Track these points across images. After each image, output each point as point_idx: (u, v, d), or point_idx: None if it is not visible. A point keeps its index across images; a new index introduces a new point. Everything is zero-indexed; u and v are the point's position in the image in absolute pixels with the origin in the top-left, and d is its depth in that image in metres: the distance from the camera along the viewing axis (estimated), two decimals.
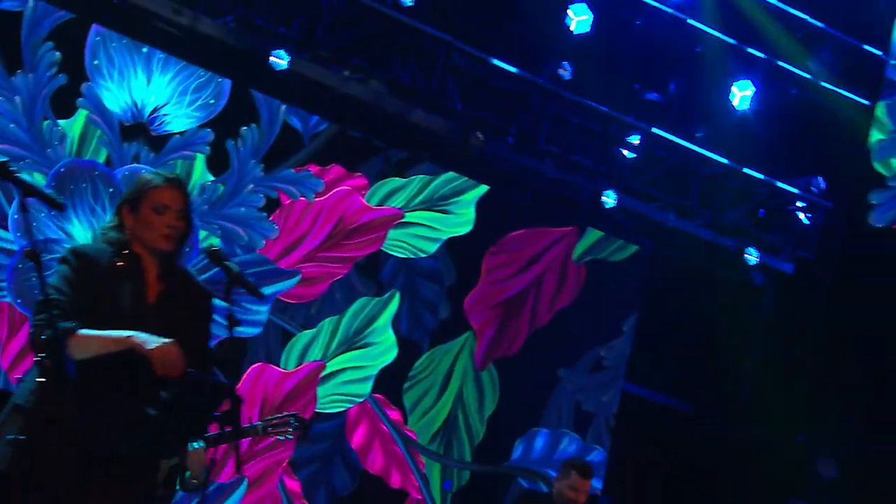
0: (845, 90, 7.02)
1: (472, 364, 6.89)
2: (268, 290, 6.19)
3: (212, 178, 6.14)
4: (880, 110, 6.72)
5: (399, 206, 6.70)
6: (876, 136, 6.82)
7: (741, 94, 6.87)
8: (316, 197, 6.42)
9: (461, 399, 6.85)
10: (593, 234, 7.23)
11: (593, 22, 6.46)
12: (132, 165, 5.94)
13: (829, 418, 6.81)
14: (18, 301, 5.65)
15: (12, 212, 5.63)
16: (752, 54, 6.93)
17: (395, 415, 6.62)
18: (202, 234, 6.04)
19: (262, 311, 6.30)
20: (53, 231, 5.74)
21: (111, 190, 5.85)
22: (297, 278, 6.38)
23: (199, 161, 6.10)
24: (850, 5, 7.08)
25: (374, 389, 6.57)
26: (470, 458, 6.84)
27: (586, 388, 7.20)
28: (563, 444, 7.13)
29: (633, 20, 6.80)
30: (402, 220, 6.70)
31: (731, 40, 6.87)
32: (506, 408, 6.93)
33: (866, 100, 7.03)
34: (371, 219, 6.61)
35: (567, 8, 6.42)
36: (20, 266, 5.60)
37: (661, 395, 7.62)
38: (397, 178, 6.70)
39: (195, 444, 3.48)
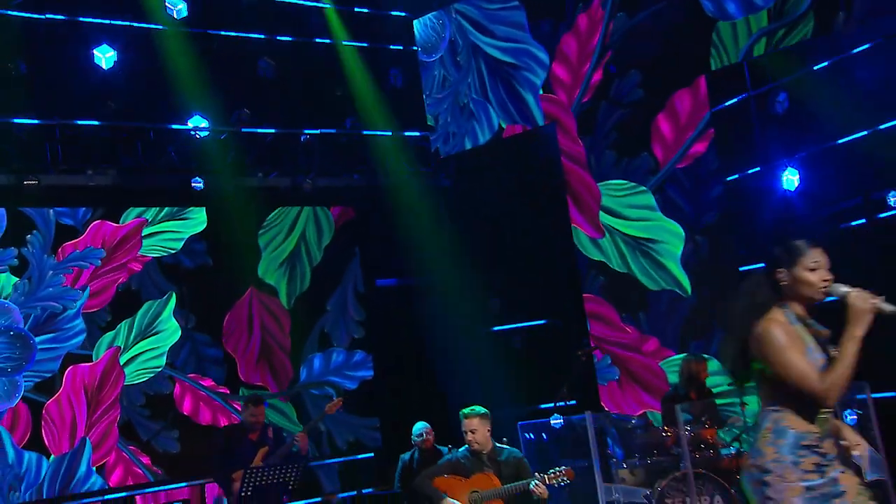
0: None
1: None
2: (76, 309, 8.73)
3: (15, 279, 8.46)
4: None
5: (148, 217, 9.24)
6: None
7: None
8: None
9: None
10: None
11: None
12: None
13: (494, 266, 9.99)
14: None
15: None
16: None
17: (207, 382, 9.43)
18: None
19: (77, 325, 8.77)
20: None
21: None
22: (87, 293, 8.83)
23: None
24: None
25: (190, 371, 9.28)
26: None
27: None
28: (334, 357, 10.21)
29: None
30: (153, 231, 9.24)
31: None
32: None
33: None
34: (125, 232, 9.16)
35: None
36: None
37: (402, 279, 10.55)
38: (140, 207, 9.21)
39: None
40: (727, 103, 8.15)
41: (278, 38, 9.68)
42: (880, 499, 3.32)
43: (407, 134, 10.29)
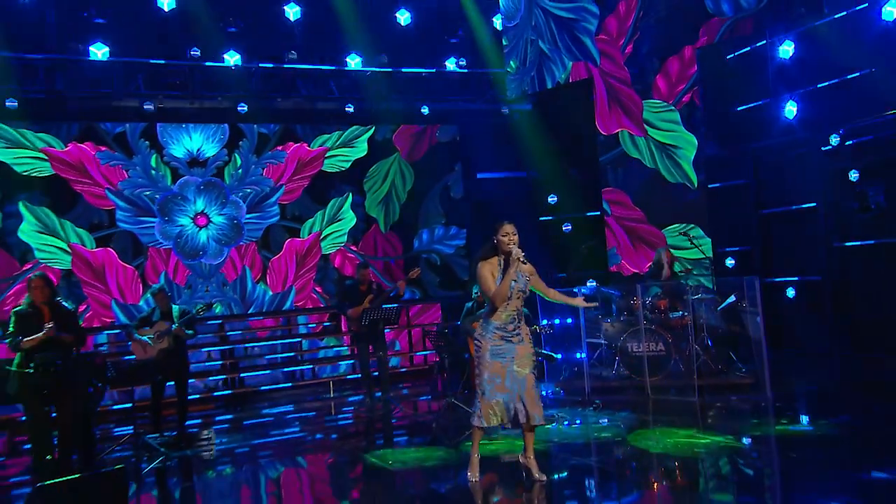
0: None
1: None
2: (274, 198, 13.05)
3: (230, 171, 12.78)
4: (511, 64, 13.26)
5: (328, 145, 13.36)
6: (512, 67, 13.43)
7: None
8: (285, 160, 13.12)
9: None
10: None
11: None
12: (233, 196, 12.61)
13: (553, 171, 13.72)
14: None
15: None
16: None
17: (354, 247, 13.68)
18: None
19: (274, 210, 13.11)
20: (191, 194, 12.46)
21: (222, 199, 12.66)
22: (282, 190, 13.16)
23: (230, 165, 12.75)
24: None
25: (347, 242, 13.56)
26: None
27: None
28: (437, 231, 14.25)
29: None
30: (331, 154, 13.38)
31: None
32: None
33: None
34: (313, 155, 13.36)
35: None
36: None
37: (505, 172, 14.36)
38: (325, 134, 13.33)
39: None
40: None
41: None
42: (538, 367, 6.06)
43: (498, 71, 13.82)
